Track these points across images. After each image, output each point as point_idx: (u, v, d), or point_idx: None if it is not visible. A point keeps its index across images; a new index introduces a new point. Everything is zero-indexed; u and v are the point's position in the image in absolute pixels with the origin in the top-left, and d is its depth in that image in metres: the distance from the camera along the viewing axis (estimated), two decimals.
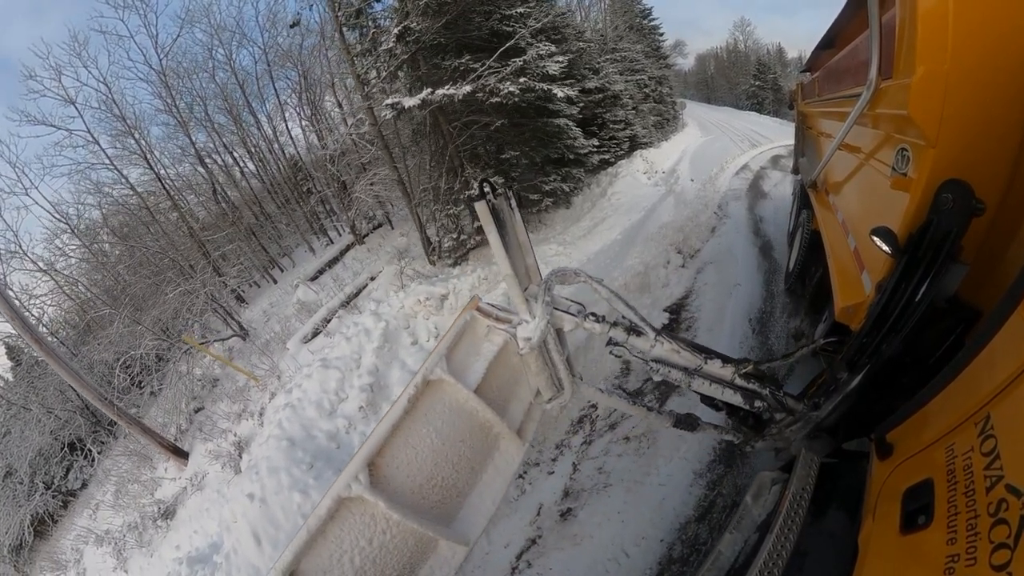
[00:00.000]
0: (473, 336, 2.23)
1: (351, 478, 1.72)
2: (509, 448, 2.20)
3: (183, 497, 6.69)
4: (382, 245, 13.63)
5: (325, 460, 5.06)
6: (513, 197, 2.07)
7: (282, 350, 8.94)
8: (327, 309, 9.31)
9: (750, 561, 1.77)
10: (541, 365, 2.09)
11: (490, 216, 1.84)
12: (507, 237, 1.97)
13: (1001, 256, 1.65)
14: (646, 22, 24.16)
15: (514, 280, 2.00)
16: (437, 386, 2.02)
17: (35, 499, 10.15)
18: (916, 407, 1.47)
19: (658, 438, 3.71)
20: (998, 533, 0.90)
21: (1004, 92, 1.45)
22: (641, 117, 16.63)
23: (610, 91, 13.74)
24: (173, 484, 7.31)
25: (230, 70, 16.34)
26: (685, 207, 9.43)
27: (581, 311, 2.17)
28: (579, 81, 12.15)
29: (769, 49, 45.89)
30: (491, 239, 1.89)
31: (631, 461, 3.65)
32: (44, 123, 13.34)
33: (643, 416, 2.33)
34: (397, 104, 7.98)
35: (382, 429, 1.84)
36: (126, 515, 7.39)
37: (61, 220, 14.09)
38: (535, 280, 2.21)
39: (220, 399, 8.79)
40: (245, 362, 9.61)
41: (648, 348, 2.12)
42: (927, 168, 1.56)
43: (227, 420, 7.60)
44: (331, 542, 1.71)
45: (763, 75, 38.89)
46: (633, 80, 17.94)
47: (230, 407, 7.98)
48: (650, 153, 15.19)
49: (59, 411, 11.32)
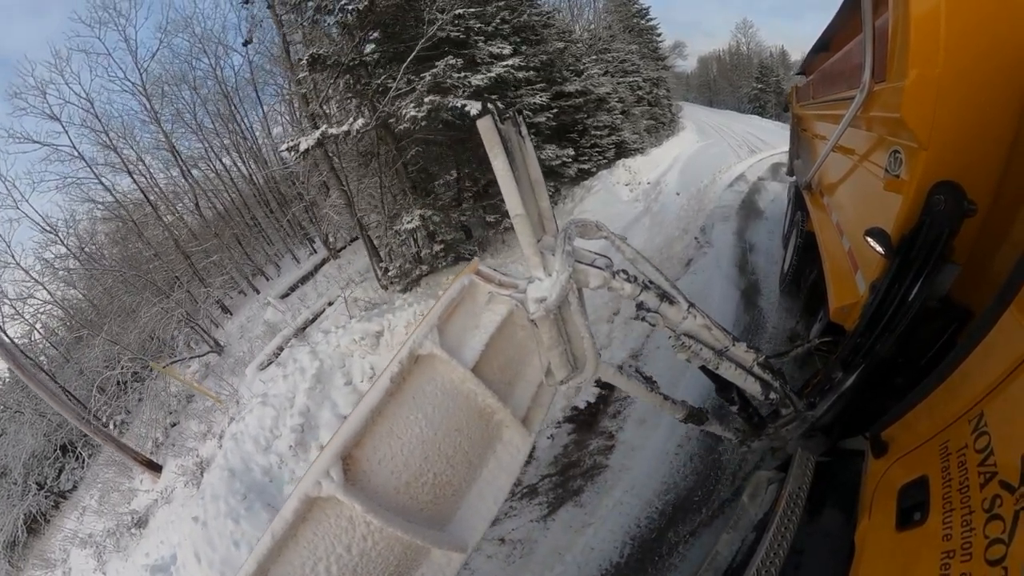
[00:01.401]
0: (472, 304, 1.88)
1: (321, 474, 1.44)
2: (513, 439, 1.87)
3: (154, 508, 7.12)
4: (352, 262, 13.42)
5: (258, 492, 5.50)
6: (523, 123, 1.71)
7: (244, 374, 9.09)
8: (282, 337, 9.21)
9: (747, 560, 1.78)
10: (555, 336, 1.71)
11: (496, 137, 1.48)
12: (516, 171, 1.60)
13: (992, 256, 1.68)
14: (643, 22, 23.62)
15: (526, 222, 1.60)
16: (427, 363, 1.70)
17: (28, 499, 10.55)
18: (910, 405, 1.49)
19: (536, 548, 3.29)
20: (993, 528, 0.91)
21: (995, 95, 1.47)
22: (632, 121, 15.95)
23: (594, 94, 12.82)
24: (147, 495, 7.75)
25: (216, 79, 16.28)
26: (660, 231, 8.25)
27: (609, 265, 1.80)
28: (556, 84, 11.41)
29: (772, 51, 44.32)
30: (497, 167, 1.51)
31: (499, 568, 3.27)
32: (29, 140, 13.40)
33: (659, 404, 2.13)
34: (295, 146, 7.42)
35: (359, 415, 1.55)
36: (107, 521, 7.78)
37: (50, 232, 14.15)
38: (550, 230, 1.83)
39: (192, 416, 9.18)
40: (218, 379, 9.84)
41: (679, 320, 1.88)
42: (919, 170, 1.59)
43: (194, 439, 8.07)
44: (303, 548, 1.47)
45: (766, 78, 37.86)
46: (625, 82, 17.28)
47: (198, 426, 8.47)
48: (636, 161, 14.15)
49: (51, 415, 11.44)
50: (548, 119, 10.67)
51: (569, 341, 1.82)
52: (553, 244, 1.75)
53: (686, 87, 48.11)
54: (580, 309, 1.77)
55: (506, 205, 1.61)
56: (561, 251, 1.69)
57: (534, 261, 1.69)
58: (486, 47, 8.86)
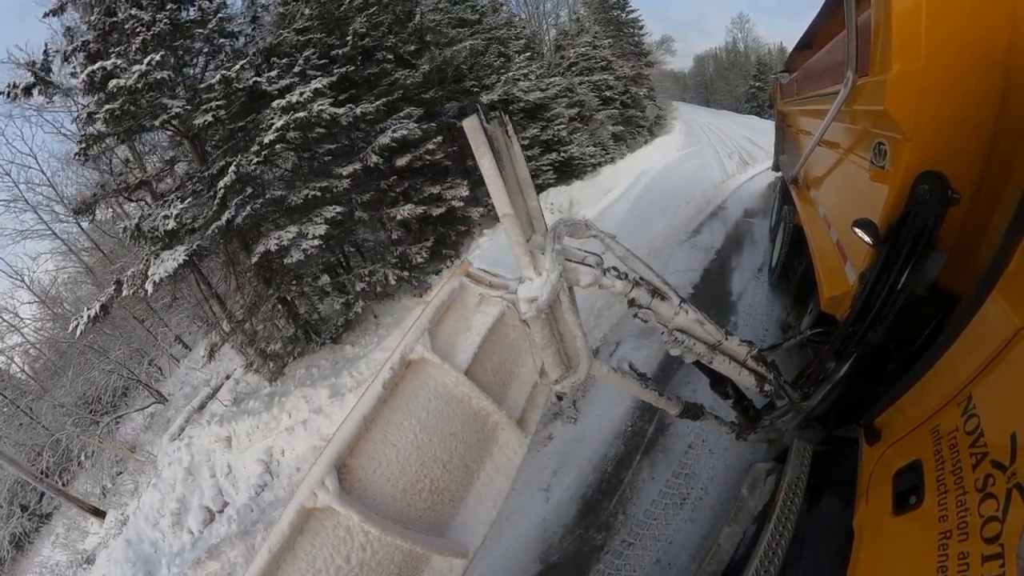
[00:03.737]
0: (463, 307, 1.88)
1: (316, 484, 1.43)
2: (509, 441, 1.87)
3: (99, 549, 7.80)
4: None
5: (144, 562, 6.30)
6: (510, 122, 1.70)
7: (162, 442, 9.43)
8: (188, 409, 9.28)
9: (750, 552, 1.79)
10: (548, 335, 1.74)
11: (482, 137, 1.47)
12: (504, 171, 1.59)
13: (977, 244, 1.72)
14: (623, 14, 21.43)
15: (515, 222, 1.61)
16: (419, 367, 1.70)
17: (13, 521, 11.36)
18: (900, 392, 1.51)
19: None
20: (987, 507, 0.94)
21: (976, 86, 1.51)
22: (590, 130, 13.53)
23: (523, 102, 10.35)
24: (95, 536, 8.48)
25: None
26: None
27: (599, 263, 1.82)
28: (452, 98, 9.21)
29: (771, 48, 42.09)
30: (484, 167, 1.51)
31: None
32: None
33: (654, 401, 2.15)
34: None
35: (352, 423, 1.54)
36: (69, 554, 8.55)
37: (17, 279, 14.02)
38: (539, 229, 1.83)
39: (130, 471, 9.80)
40: (160, 429, 10.25)
41: (671, 315, 1.90)
42: (904, 161, 1.62)
43: (127, 494, 8.75)
44: (301, 560, 1.44)
45: (764, 75, 35.17)
46: (589, 81, 14.81)
47: (132, 481, 9.22)
48: (582, 186, 11.16)
49: (31, 445, 12.18)
50: (419, 158, 8.38)
51: (562, 340, 1.82)
52: (543, 243, 1.74)
53: (683, 87, 47.58)
54: (572, 308, 1.77)
55: (494, 205, 1.61)
56: (551, 250, 1.69)
57: (524, 261, 1.68)
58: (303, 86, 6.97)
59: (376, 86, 9.19)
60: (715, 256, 5.81)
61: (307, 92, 6.88)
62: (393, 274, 8.19)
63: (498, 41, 12.01)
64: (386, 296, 8.81)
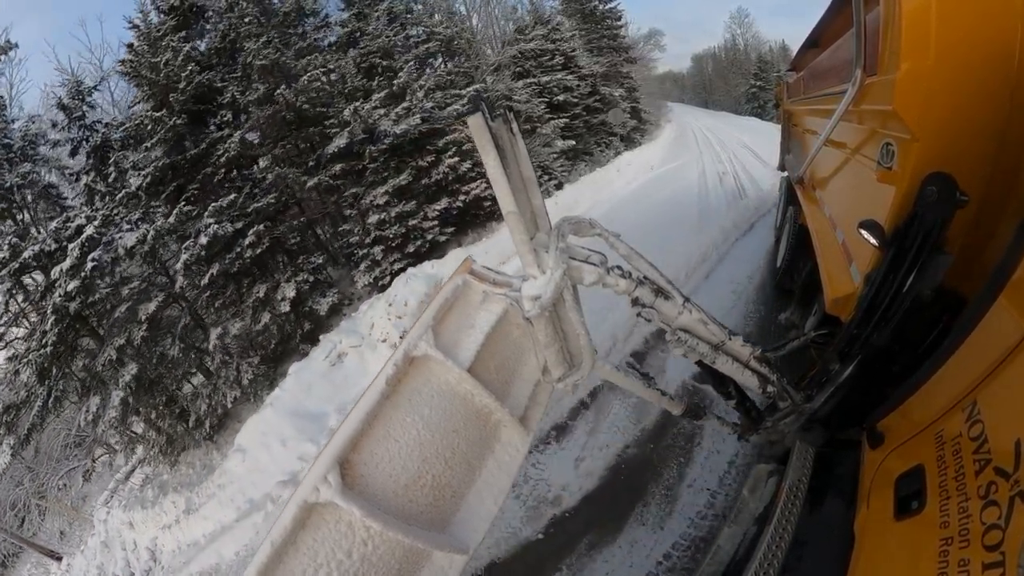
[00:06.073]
0: (466, 304, 1.85)
1: (318, 480, 1.44)
2: (512, 438, 1.88)
3: None
4: None
5: None
6: (515, 119, 1.69)
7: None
8: (117, 479, 9.04)
9: (750, 553, 1.79)
10: (551, 334, 1.76)
11: (487, 135, 1.47)
12: (508, 168, 1.60)
13: (984, 246, 1.70)
14: (601, 5, 19.22)
15: (519, 220, 1.62)
16: (422, 364, 1.71)
17: None
18: (904, 395, 1.50)
19: None
20: (989, 514, 0.93)
21: (986, 86, 1.49)
22: (531, 148, 10.56)
23: (393, 137, 7.86)
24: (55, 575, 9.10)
25: None
26: None
27: (603, 261, 1.83)
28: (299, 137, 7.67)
29: (772, 46, 39.80)
30: (489, 165, 1.51)
31: None
32: None
33: (656, 400, 2.14)
34: None
35: (355, 419, 1.54)
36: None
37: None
38: (543, 228, 1.84)
39: (80, 521, 10.13)
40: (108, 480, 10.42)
41: (675, 315, 1.91)
42: (912, 161, 1.60)
43: (76, 542, 9.22)
44: (303, 554, 1.46)
45: (765, 74, 33.31)
46: (535, 84, 12.33)
47: (79, 529, 9.59)
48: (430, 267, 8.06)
49: (8, 478, 12.28)
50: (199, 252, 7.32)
51: (565, 338, 1.84)
52: (547, 242, 1.75)
53: (681, 88, 47.02)
54: (575, 306, 1.78)
55: (499, 203, 1.61)
56: (555, 248, 1.69)
57: (528, 259, 1.69)
58: None
59: (205, 167, 8.15)
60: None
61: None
62: (231, 394, 8.14)
63: (381, 53, 9.46)
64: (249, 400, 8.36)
